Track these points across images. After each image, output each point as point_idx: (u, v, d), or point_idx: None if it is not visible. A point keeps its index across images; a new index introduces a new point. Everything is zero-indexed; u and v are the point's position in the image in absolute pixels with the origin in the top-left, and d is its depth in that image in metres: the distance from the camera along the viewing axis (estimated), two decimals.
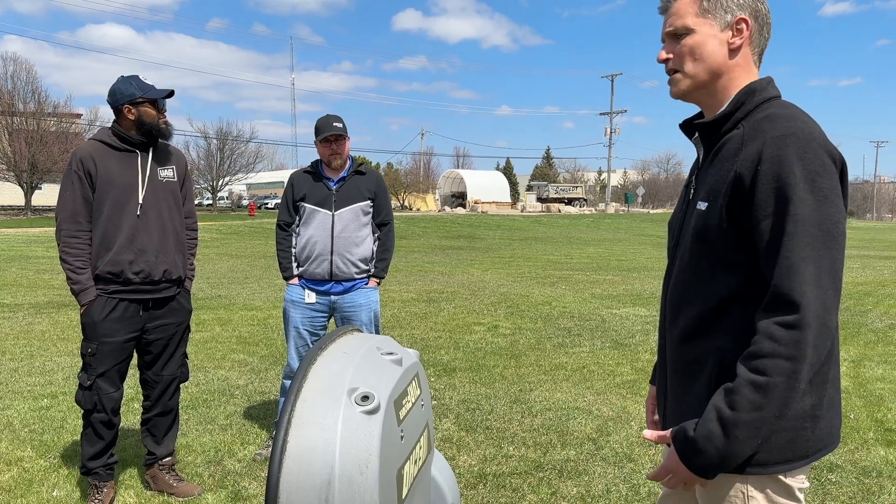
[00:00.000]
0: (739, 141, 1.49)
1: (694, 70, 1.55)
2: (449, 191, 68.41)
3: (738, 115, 1.53)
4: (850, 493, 3.60)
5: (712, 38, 1.54)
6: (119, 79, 3.29)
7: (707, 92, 1.58)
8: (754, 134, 1.46)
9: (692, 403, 1.55)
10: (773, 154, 1.40)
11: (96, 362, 3.20)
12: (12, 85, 40.99)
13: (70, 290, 3.23)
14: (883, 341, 7.63)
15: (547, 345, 7.36)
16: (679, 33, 1.56)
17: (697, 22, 1.54)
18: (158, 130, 3.30)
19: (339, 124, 3.91)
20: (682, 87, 1.58)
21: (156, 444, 3.53)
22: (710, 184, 1.52)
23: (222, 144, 53.12)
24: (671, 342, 1.63)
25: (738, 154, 1.46)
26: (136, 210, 3.26)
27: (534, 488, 3.64)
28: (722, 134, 1.56)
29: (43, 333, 7.56)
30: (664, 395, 1.69)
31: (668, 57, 1.59)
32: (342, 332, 1.49)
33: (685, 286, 1.58)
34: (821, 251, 1.37)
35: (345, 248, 3.92)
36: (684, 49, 1.55)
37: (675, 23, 1.56)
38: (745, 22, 1.54)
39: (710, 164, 1.57)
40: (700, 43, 1.54)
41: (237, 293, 11.14)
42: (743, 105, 1.53)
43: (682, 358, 1.58)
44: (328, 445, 1.18)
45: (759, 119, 1.49)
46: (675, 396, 1.62)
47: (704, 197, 1.53)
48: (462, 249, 23.67)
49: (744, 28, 1.54)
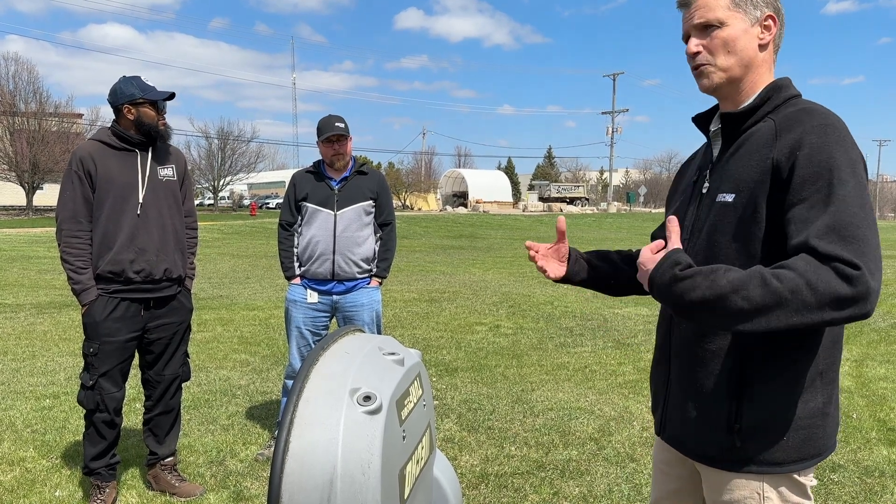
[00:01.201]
0: (772, 132, 1.48)
1: (727, 63, 1.54)
2: (450, 190, 68.45)
3: (765, 108, 1.54)
4: (853, 493, 3.60)
5: (744, 33, 1.53)
6: (121, 79, 3.29)
7: (736, 86, 1.57)
8: (791, 125, 1.46)
9: (705, 398, 1.54)
10: (814, 141, 1.41)
11: (98, 362, 3.20)
12: (14, 85, 41.08)
13: (71, 290, 3.23)
14: (886, 341, 7.62)
15: (549, 344, 7.36)
16: (710, 25, 1.54)
17: (729, 15, 1.53)
18: (157, 132, 3.30)
19: (340, 124, 3.92)
20: (715, 80, 1.56)
21: (158, 444, 3.53)
22: (737, 175, 1.51)
23: (223, 144, 53.18)
24: (682, 337, 1.60)
25: (774, 144, 1.46)
26: (136, 209, 3.26)
27: (536, 488, 3.64)
28: (746, 127, 1.56)
29: (45, 334, 7.57)
30: (665, 388, 1.68)
31: (699, 50, 1.56)
32: (344, 332, 1.48)
33: None
34: (867, 229, 1.35)
35: (347, 248, 3.92)
36: (717, 42, 1.54)
37: (706, 15, 1.54)
38: (772, 19, 1.55)
39: (732, 156, 1.55)
40: (734, 37, 1.53)
41: (239, 293, 11.15)
42: (769, 100, 1.54)
43: (698, 352, 1.56)
44: (330, 445, 1.18)
45: (793, 112, 1.50)
46: (684, 390, 1.60)
47: (730, 188, 1.52)
48: (464, 249, 23.68)
49: (771, 25, 1.56)
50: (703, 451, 1.57)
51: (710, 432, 1.54)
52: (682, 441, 1.62)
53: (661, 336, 1.72)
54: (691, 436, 1.59)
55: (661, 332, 1.73)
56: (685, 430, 1.60)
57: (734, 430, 1.50)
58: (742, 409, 1.49)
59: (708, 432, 1.54)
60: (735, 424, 1.50)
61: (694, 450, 1.59)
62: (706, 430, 1.55)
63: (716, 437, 1.53)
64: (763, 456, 1.49)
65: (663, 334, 1.71)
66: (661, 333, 1.73)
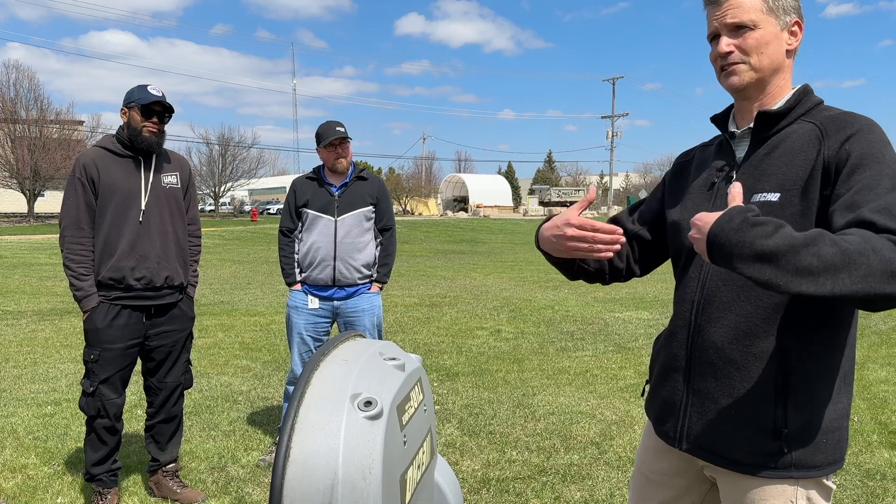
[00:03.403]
0: (815, 133, 1.51)
1: (760, 64, 1.56)
2: (451, 195, 68.51)
3: (797, 110, 1.57)
4: (855, 496, 3.60)
5: (775, 38, 1.56)
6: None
7: (761, 87, 1.59)
8: (838, 125, 1.49)
9: (745, 404, 1.50)
10: (864, 138, 1.44)
11: (99, 369, 3.21)
12: (14, 92, 41.20)
13: (73, 296, 3.24)
14: (887, 343, 7.61)
15: (550, 349, 7.36)
16: (743, 26, 1.55)
17: (763, 18, 1.55)
18: (138, 135, 3.27)
19: (341, 128, 3.95)
20: (746, 79, 1.57)
21: (159, 451, 3.53)
22: (782, 175, 1.51)
23: (224, 150, 53.29)
24: (711, 342, 1.55)
25: (821, 144, 1.48)
26: (138, 216, 3.27)
27: (537, 493, 3.64)
28: (780, 128, 1.57)
29: (46, 340, 7.58)
30: (685, 397, 1.61)
31: (731, 49, 1.57)
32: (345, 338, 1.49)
33: (744, 282, 1.51)
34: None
35: (347, 254, 3.93)
36: (751, 42, 1.55)
37: (740, 15, 1.55)
38: (798, 25, 1.59)
39: (768, 156, 1.55)
40: (767, 40, 1.55)
41: (240, 299, 11.15)
42: (800, 103, 1.57)
43: (735, 357, 1.52)
44: (331, 451, 1.18)
45: (834, 115, 1.52)
46: (715, 398, 1.55)
47: (774, 188, 1.51)
48: (464, 254, 23.68)
49: (797, 31, 1.59)
50: (740, 458, 1.52)
51: (751, 439, 1.50)
52: (712, 449, 1.56)
53: (677, 345, 1.64)
54: (725, 443, 1.53)
55: (677, 341, 1.64)
56: (716, 439, 1.54)
57: (782, 435, 1.46)
58: (788, 414, 1.47)
59: (748, 439, 1.50)
60: (783, 429, 1.46)
61: (728, 457, 1.54)
62: (746, 436, 1.50)
63: (759, 443, 1.49)
64: (804, 460, 1.47)
65: (681, 342, 1.63)
66: (675, 342, 1.65)
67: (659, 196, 1.85)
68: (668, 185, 1.83)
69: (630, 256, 1.85)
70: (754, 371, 1.50)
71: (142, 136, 3.27)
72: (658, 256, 1.86)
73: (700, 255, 1.55)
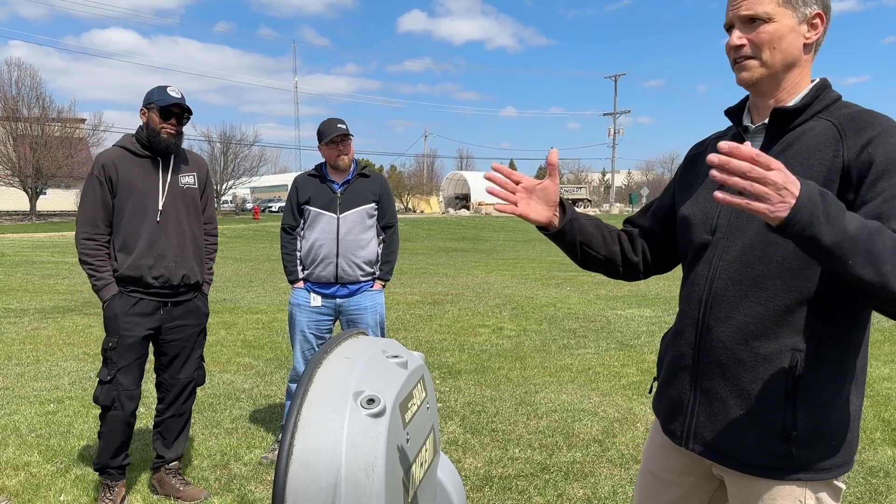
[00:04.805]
0: (833, 132, 1.46)
1: (772, 59, 1.51)
2: (453, 193, 68.46)
3: (814, 107, 1.52)
4: (858, 494, 3.59)
5: (791, 31, 1.50)
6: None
7: (774, 82, 1.54)
8: (858, 126, 1.44)
9: (753, 405, 1.48)
10: (888, 142, 1.40)
11: (117, 356, 3.25)
12: (17, 90, 41.26)
13: (92, 288, 3.30)
14: (889, 340, 7.60)
15: (552, 346, 7.36)
16: (757, 18, 1.50)
17: (778, 11, 1.49)
18: (157, 136, 3.32)
19: (342, 125, 3.95)
20: (756, 75, 1.53)
21: (165, 448, 3.54)
22: (797, 173, 1.45)
23: (226, 148, 53.30)
24: (720, 341, 1.53)
25: (840, 144, 1.44)
26: (155, 216, 3.33)
27: (540, 490, 3.64)
28: (795, 124, 1.53)
29: (49, 338, 7.58)
30: (692, 396, 1.59)
31: (743, 43, 1.52)
32: (347, 336, 1.49)
33: (753, 282, 1.49)
34: None
35: (350, 251, 3.93)
36: (763, 36, 1.50)
37: (754, 7, 1.50)
38: (820, 17, 1.52)
39: (782, 154, 1.51)
40: (781, 34, 1.49)
41: (242, 296, 11.16)
42: (818, 99, 1.52)
43: (744, 357, 1.49)
44: (334, 448, 1.18)
45: (853, 113, 1.48)
46: (723, 398, 1.53)
47: None
48: (466, 251, 23.67)
49: (818, 24, 1.52)
50: (748, 460, 1.50)
51: (759, 440, 1.48)
52: (719, 450, 1.54)
53: (684, 343, 1.62)
54: (733, 444, 1.52)
55: (685, 339, 1.62)
56: (725, 439, 1.53)
57: (790, 438, 1.45)
58: (797, 416, 1.44)
59: (756, 440, 1.49)
60: (792, 432, 1.44)
61: (736, 458, 1.52)
62: (754, 438, 1.49)
63: (767, 445, 1.47)
64: (814, 463, 1.46)
65: (688, 340, 1.61)
66: (683, 340, 1.62)
67: (671, 190, 1.82)
68: (680, 177, 1.80)
69: (645, 251, 1.82)
70: (763, 372, 1.47)
71: (160, 137, 3.31)
72: (675, 252, 1.81)
73: (727, 251, 1.52)
